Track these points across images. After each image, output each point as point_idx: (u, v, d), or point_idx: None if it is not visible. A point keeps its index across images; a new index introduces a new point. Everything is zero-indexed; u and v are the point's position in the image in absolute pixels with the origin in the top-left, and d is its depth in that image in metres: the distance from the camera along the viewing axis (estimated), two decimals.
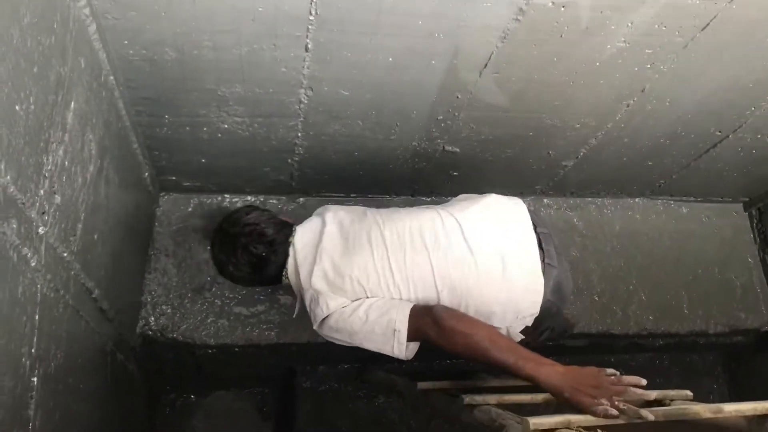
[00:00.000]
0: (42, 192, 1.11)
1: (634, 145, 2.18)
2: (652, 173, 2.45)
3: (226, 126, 1.83)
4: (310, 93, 1.70)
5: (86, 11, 1.28)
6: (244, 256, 1.74)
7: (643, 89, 1.82)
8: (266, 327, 2.23)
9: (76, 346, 1.37)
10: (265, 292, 2.26)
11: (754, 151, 2.27)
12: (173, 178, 2.18)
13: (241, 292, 2.24)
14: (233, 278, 1.83)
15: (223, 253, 1.78)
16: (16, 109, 0.98)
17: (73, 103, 1.25)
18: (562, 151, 2.19)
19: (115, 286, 1.73)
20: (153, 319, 2.15)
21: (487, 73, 1.67)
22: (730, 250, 2.74)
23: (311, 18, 1.40)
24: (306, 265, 1.70)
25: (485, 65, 1.64)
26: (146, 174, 2.01)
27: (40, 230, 1.12)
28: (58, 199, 1.19)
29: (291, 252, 1.74)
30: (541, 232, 1.74)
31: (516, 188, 2.51)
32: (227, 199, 2.33)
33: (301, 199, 2.39)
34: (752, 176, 2.52)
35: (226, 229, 1.79)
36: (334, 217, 1.78)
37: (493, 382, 1.96)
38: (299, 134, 1.91)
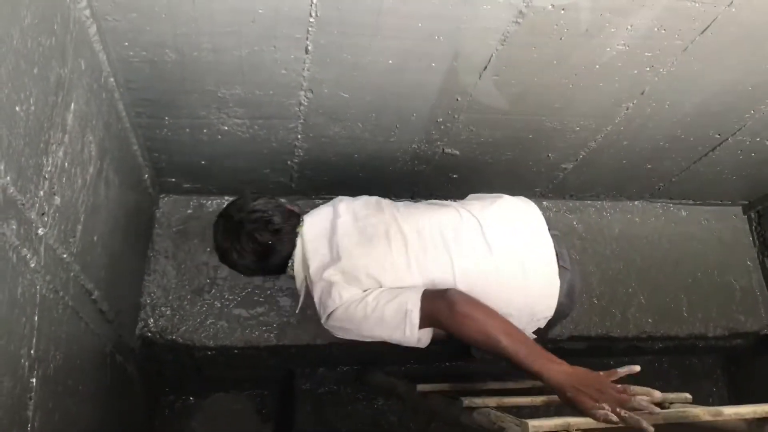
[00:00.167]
0: (42, 193, 1.11)
1: (634, 147, 2.18)
2: (652, 176, 2.46)
3: (226, 128, 1.83)
4: (310, 95, 1.70)
5: (87, 13, 1.28)
6: (249, 244, 1.66)
7: (643, 92, 1.82)
8: (265, 329, 2.23)
9: (76, 348, 1.37)
10: (264, 294, 2.26)
11: (753, 154, 2.28)
12: (173, 180, 2.18)
13: (241, 294, 2.24)
14: (235, 266, 1.74)
15: (227, 239, 1.69)
16: (17, 110, 0.98)
17: (73, 105, 1.25)
18: (562, 154, 2.19)
19: (115, 288, 1.73)
20: (152, 320, 2.15)
21: (487, 75, 1.67)
22: (729, 253, 2.74)
23: (311, 20, 1.40)
24: (317, 257, 1.64)
25: (485, 68, 1.64)
26: (146, 175, 2.01)
27: (40, 231, 1.12)
28: (57, 200, 1.19)
29: (299, 243, 1.68)
30: (553, 235, 1.74)
31: (515, 191, 2.48)
32: (227, 200, 2.32)
33: (300, 201, 2.39)
34: (751, 179, 2.52)
35: (230, 215, 1.70)
36: (348, 209, 1.73)
37: (493, 384, 1.96)
38: (299, 136, 1.91)
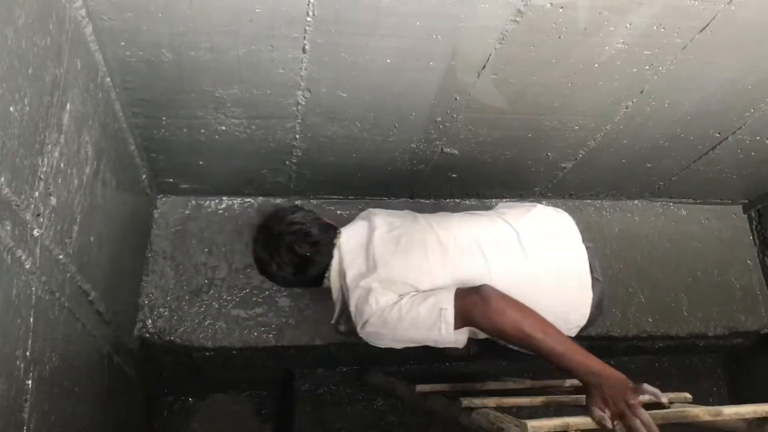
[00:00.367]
0: (37, 194, 1.11)
1: (633, 146, 2.17)
2: (652, 175, 2.45)
3: (223, 128, 1.82)
4: (307, 94, 1.69)
5: (82, 12, 1.28)
6: (288, 256, 1.71)
7: (642, 91, 1.81)
8: (264, 330, 2.22)
9: (72, 349, 1.36)
10: (262, 295, 2.25)
11: (753, 153, 2.27)
12: (171, 180, 2.17)
13: (239, 295, 2.24)
14: (274, 277, 1.78)
15: (267, 251, 1.74)
16: (11, 110, 0.98)
17: (69, 105, 1.24)
18: (561, 153, 2.18)
19: (112, 289, 1.72)
20: (150, 321, 2.14)
21: (486, 74, 1.66)
22: (729, 252, 2.73)
23: (309, 19, 1.39)
24: (354, 267, 1.66)
25: (483, 67, 1.63)
26: (144, 176, 2.01)
27: (35, 232, 1.11)
28: (53, 201, 1.18)
29: (336, 254, 1.71)
30: (587, 246, 1.76)
31: (515, 190, 2.51)
32: (225, 201, 2.32)
33: (299, 201, 2.38)
34: (751, 178, 2.52)
35: (270, 227, 1.75)
36: (383, 220, 1.76)
37: (492, 384, 1.96)
38: (297, 136, 1.91)
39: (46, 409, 1.18)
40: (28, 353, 1.09)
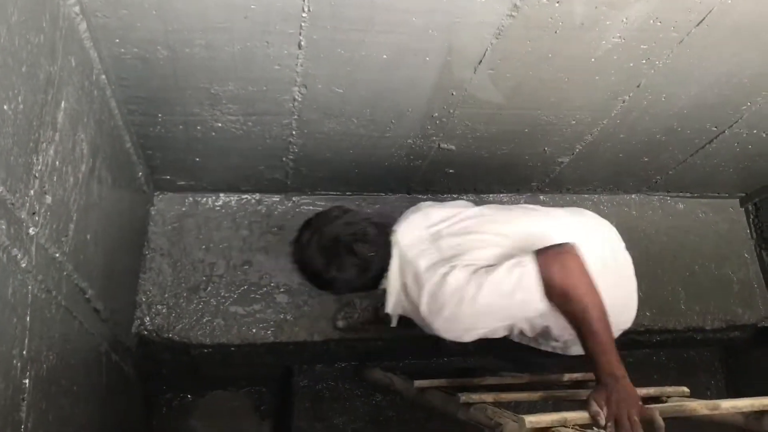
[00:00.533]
0: (32, 192, 1.10)
1: (630, 141, 2.17)
2: (649, 169, 2.45)
3: (219, 124, 1.82)
4: (304, 91, 1.69)
5: (76, 9, 1.27)
6: (350, 258, 1.61)
7: (639, 85, 1.81)
8: (262, 326, 2.22)
9: (70, 347, 1.36)
10: (260, 292, 2.25)
11: (750, 146, 2.27)
12: (167, 177, 2.17)
13: (237, 291, 2.24)
14: (333, 282, 1.66)
15: (323, 255, 1.62)
16: (5, 108, 0.97)
17: (63, 102, 1.24)
18: (558, 148, 2.18)
19: (110, 287, 1.72)
20: (148, 319, 2.14)
21: (482, 69, 1.66)
22: (726, 246, 2.73)
23: (304, 15, 1.39)
24: (424, 259, 1.60)
25: (480, 62, 1.63)
26: (140, 173, 2.00)
27: (31, 231, 1.11)
28: (48, 199, 1.18)
29: (395, 252, 1.64)
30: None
31: (512, 185, 2.51)
32: (222, 197, 2.32)
33: (296, 198, 2.38)
34: (748, 172, 2.52)
35: (323, 230, 1.64)
36: (439, 212, 1.72)
37: (490, 379, 1.96)
38: (294, 132, 1.90)
39: (43, 408, 1.18)
40: (24, 352, 1.09)
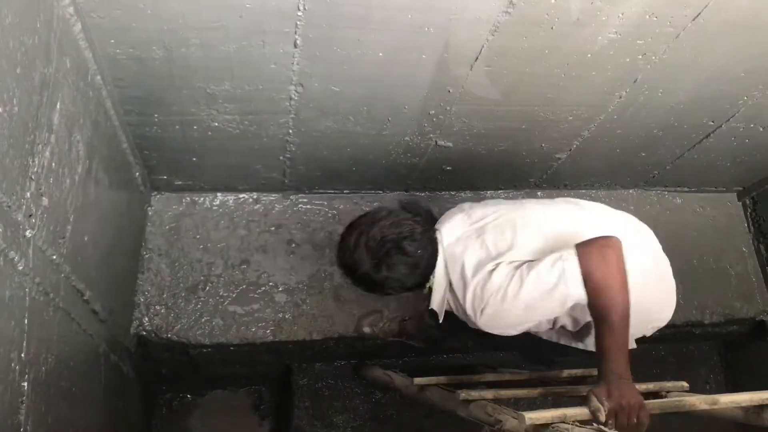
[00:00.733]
0: (28, 195, 1.10)
1: (627, 136, 2.17)
2: (646, 164, 2.45)
3: (216, 124, 1.81)
4: (300, 89, 1.68)
5: (70, 10, 1.26)
6: (400, 257, 1.59)
7: (635, 80, 1.81)
8: (261, 325, 2.22)
9: (68, 349, 1.36)
10: (259, 291, 2.25)
11: (746, 140, 2.27)
12: (165, 177, 2.16)
13: (236, 291, 2.23)
14: (384, 283, 1.64)
15: (372, 256, 1.59)
16: None
17: (59, 104, 1.23)
18: (555, 144, 2.18)
19: (108, 288, 1.71)
20: (147, 319, 2.14)
21: (479, 66, 1.66)
22: (724, 240, 2.74)
23: (299, 13, 1.38)
24: (470, 258, 1.60)
25: (476, 59, 1.63)
26: (137, 174, 1.99)
27: (28, 233, 1.10)
28: (45, 201, 1.18)
29: (440, 250, 1.65)
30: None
31: (510, 182, 2.51)
32: (219, 197, 2.31)
33: (293, 196, 2.37)
34: (745, 165, 2.52)
35: (368, 230, 1.62)
36: (480, 210, 1.72)
37: (490, 376, 1.96)
38: (290, 131, 1.90)
39: (42, 411, 1.18)
40: (23, 355, 1.08)
